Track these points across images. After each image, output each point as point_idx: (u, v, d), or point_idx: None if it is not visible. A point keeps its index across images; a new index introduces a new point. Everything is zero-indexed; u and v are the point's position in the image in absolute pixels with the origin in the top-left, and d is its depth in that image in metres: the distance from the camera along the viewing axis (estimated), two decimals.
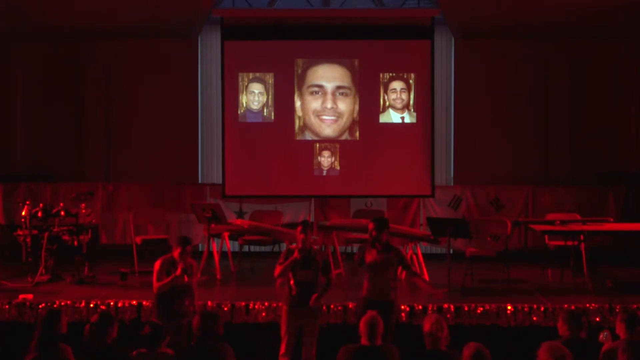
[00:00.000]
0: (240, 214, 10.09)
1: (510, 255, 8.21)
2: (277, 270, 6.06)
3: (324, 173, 9.97)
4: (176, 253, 6.07)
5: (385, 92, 9.92)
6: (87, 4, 9.89)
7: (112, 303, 7.03)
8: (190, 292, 6.15)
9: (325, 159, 9.94)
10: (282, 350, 6.04)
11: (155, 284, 6.03)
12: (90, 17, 10.13)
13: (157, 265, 6.09)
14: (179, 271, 5.95)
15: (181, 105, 10.88)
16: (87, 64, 10.93)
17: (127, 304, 7.02)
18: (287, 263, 5.99)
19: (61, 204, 8.37)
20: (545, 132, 10.80)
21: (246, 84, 9.96)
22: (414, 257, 8.38)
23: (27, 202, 8.40)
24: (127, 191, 10.25)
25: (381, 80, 9.92)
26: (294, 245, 6.26)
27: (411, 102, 9.92)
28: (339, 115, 9.92)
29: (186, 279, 6.00)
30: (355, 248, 9.67)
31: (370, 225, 6.13)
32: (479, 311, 6.90)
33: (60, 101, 10.96)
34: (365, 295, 6.11)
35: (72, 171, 10.82)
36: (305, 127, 9.94)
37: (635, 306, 6.63)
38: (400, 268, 6.21)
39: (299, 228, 6.07)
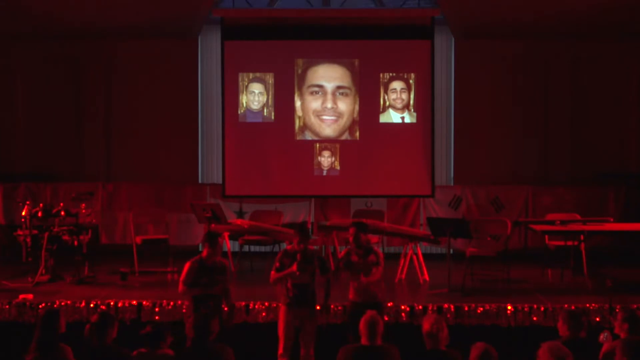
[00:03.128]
0: (240, 214, 10.08)
1: (510, 255, 8.20)
2: (273, 277, 6.08)
3: (324, 173, 9.97)
4: (205, 251, 6.07)
5: (385, 92, 9.92)
6: (87, 4, 9.89)
7: (112, 303, 7.03)
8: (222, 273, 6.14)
9: (325, 159, 9.94)
10: (281, 350, 6.05)
11: (181, 287, 6.01)
12: (90, 17, 10.12)
13: (186, 266, 6.07)
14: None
15: (181, 105, 10.87)
16: (87, 64, 10.92)
17: (127, 304, 7.02)
18: (283, 274, 6.01)
19: (61, 204, 8.37)
20: (545, 132, 10.79)
21: (246, 84, 9.96)
22: (414, 257, 8.38)
23: (27, 202, 8.40)
24: (127, 191, 10.25)
25: (381, 80, 9.92)
26: (289, 246, 6.25)
27: (411, 102, 9.92)
28: (339, 115, 9.93)
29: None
30: None
31: (351, 230, 6.21)
32: (479, 311, 6.90)
33: (61, 101, 10.95)
34: (353, 298, 6.18)
35: (72, 171, 10.80)
36: (305, 127, 9.94)
37: (635, 306, 6.63)
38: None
39: (296, 239, 6.07)
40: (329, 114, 9.92)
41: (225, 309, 6.17)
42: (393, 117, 9.92)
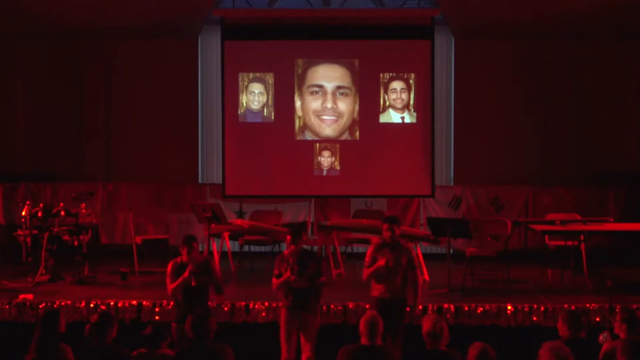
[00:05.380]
0: (240, 214, 10.08)
1: (510, 255, 8.21)
2: (274, 284, 6.09)
3: (324, 173, 9.97)
4: (184, 254, 6.07)
5: (385, 92, 9.92)
6: (87, 4, 9.89)
7: (112, 303, 7.03)
8: (208, 291, 6.13)
9: (325, 159, 9.94)
10: (284, 355, 6.05)
11: (169, 287, 6.06)
12: (90, 17, 10.12)
13: (168, 268, 6.12)
14: (186, 273, 5.95)
15: (181, 105, 10.87)
16: (87, 64, 10.92)
17: (127, 304, 7.02)
18: (281, 281, 6.00)
19: (61, 204, 8.37)
20: (545, 132, 10.79)
21: (246, 84, 9.96)
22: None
23: (27, 202, 8.40)
24: (127, 191, 10.25)
25: (381, 80, 9.92)
26: (286, 250, 6.20)
27: (411, 102, 9.92)
28: (339, 115, 9.92)
29: (193, 282, 5.97)
30: (355, 248, 9.69)
31: (385, 225, 6.12)
32: (479, 311, 6.90)
33: (61, 101, 10.95)
34: (378, 295, 6.09)
35: (72, 171, 10.80)
36: (305, 127, 9.94)
37: (635, 306, 6.62)
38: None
39: (288, 238, 6.06)
40: (329, 114, 9.92)
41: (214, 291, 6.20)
42: (393, 117, 9.92)
